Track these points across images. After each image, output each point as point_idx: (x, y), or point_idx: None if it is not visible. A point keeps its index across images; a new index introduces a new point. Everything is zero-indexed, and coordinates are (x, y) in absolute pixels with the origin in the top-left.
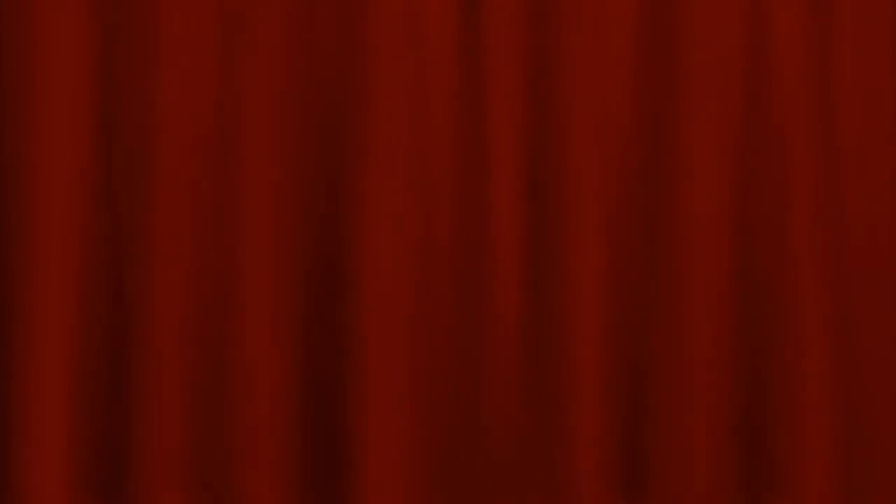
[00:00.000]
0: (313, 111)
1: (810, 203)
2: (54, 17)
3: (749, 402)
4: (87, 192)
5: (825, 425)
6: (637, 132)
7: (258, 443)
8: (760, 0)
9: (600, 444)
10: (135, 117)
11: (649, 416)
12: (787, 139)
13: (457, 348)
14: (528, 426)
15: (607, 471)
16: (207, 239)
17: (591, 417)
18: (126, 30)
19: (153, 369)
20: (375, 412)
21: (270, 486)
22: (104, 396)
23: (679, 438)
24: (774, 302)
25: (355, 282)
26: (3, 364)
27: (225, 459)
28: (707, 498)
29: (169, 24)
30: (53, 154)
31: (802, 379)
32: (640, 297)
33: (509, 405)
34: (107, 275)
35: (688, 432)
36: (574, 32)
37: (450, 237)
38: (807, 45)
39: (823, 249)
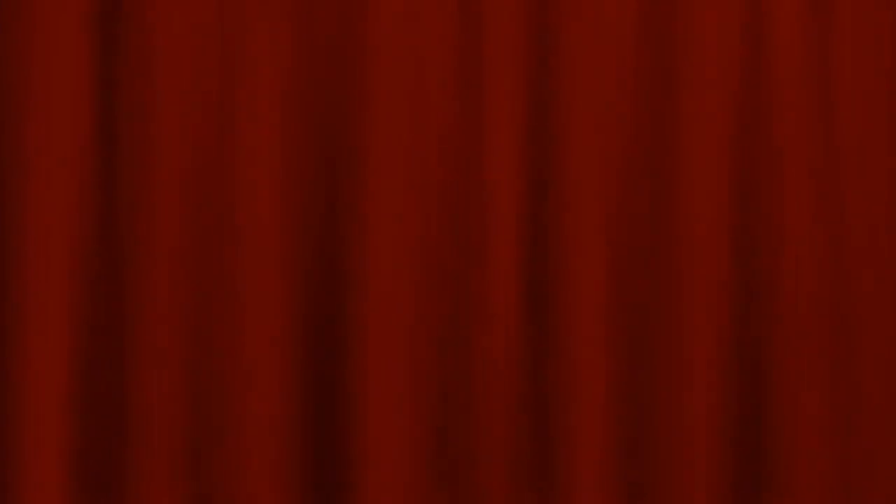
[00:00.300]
0: (313, 111)
1: (810, 203)
2: (54, 16)
3: (749, 402)
4: (86, 193)
5: (825, 425)
6: (637, 132)
7: (258, 443)
8: (760, 0)
9: (600, 444)
10: (134, 117)
11: (649, 415)
12: (786, 139)
13: (457, 348)
14: (528, 426)
15: (607, 471)
16: (207, 238)
17: (591, 417)
18: (125, 29)
19: (152, 369)
20: (375, 412)
21: (270, 486)
22: (102, 396)
23: (679, 438)
24: (774, 302)
25: (355, 282)
26: (0, 364)
27: (225, 459)
28: (707, 498)
29: (168, 24)
30: (52, 155)
31: (802, 379)
32: (640, 297)
33: (509, 405)
34: (105, 275)
35: (688, 432)
36: (574, 32)
37: (450, 237)
38: (807, 45)
39: (823, 249)
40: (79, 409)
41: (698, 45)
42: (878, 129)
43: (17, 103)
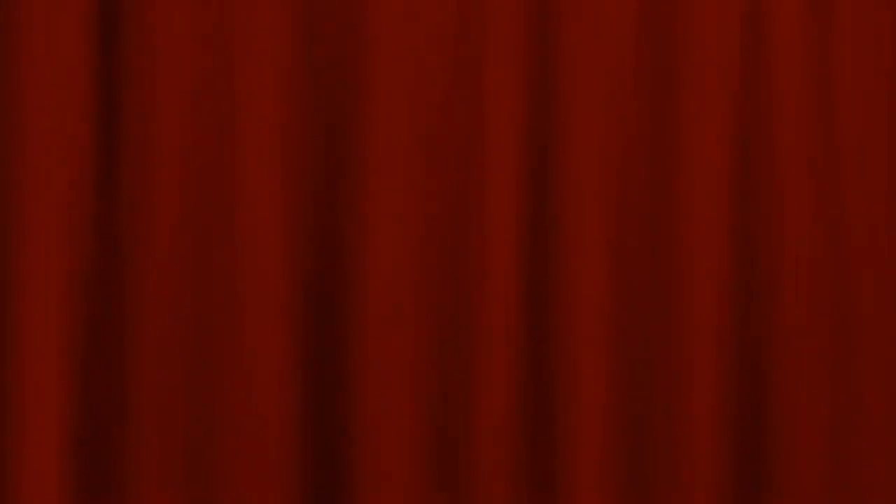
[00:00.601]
0: (313, 110)
1: (810, 203)
2: (54, 16)
3: (749, 402)
4: (86, 193)
5: (825, 425)
6: (637, 132)
7: (258, 443)
8: (760, 0)
9: (600, 444)
10: (134, 117)
11: (649, 415)
12: (786, 139)
13: (457, 348)
14: (528, 426)
15: (607, 471)
16: (207, 238)
17: (591, 417)
18: (125, 29)
19: (151, 369)
20: (375, 412)
21: (270, 486)
22: (101, 396)
23: (679, 438)
24: (774, 302)
25: (355, 282)
26: None
27: (224, 460)
28: (707, 498)
29: (168, 24)
30: (52, 155)
31: (802, 379)
32: (640, 298)
33: (509, 405)
34: (105, 275)
35: (688, 432)
36: (574, 32)
37: (450, 237)
38: (807, 45)
39: (823, 249)
40: (78, 408)
41: (698, 45)
42: (878, 129)
43: (17, 103)
